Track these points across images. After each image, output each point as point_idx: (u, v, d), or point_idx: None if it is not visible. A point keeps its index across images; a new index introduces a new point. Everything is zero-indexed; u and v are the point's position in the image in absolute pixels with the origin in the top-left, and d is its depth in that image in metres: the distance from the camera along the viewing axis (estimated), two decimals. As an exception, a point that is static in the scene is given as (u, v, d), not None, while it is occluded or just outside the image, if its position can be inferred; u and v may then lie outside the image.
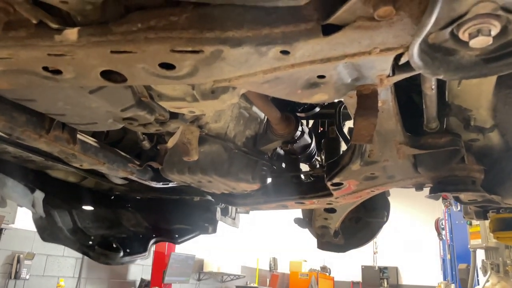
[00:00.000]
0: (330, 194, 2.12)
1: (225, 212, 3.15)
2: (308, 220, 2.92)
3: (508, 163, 1.95)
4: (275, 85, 1.07)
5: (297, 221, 2.97)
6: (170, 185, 2.48)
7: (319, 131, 2.80)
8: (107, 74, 1.01)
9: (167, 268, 9.40)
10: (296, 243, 15.80)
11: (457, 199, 2.26)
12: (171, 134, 1.86)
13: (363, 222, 2.90)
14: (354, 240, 2.95)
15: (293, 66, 0.97)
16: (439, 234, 12.70)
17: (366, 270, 16.96)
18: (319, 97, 1.21)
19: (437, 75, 0.91)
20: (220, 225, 3.30)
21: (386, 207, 2.79)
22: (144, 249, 2.85)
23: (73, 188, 2.58)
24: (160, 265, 9.53)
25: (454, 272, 11.23)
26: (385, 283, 16.39)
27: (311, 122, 2.84)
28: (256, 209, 2.50)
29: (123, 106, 1.36)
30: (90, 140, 1.98)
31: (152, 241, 2.94)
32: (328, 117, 2.60)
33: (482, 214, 2.74)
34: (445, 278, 12.24)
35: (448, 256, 11.45)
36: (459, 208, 10.99)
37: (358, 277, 16.93)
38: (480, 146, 1.92)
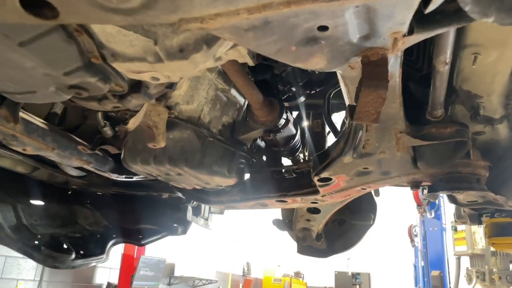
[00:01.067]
0: (316, 192, 1.87)
1: (197, 212, 2.86)
2: (288, 222, 2.67)
3: (513, 161, 1.75)
4: (264, 35, 0.81)
5: (276, 222, 2.71)
6: (135, 178, 2.18)
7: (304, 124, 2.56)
8: (32, 7, 0.73)
9: (136, 272, 8.98)
10: (270, 247, 15.57)
11: (453, 200, 2.05)
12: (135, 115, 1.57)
13: (348, 225, 2.67)
14: (338, 245, 2.71)
15: (289, 3, 0.72)
16: (412, 240, 12.72)
17: (339, 275, 16.87)
18: (316, 61, 0.96)
19: (486, 16, 0.67)
20: (192, 226, 3.01)
21: (373, 209, 2.57)
22: (101, 251, 2.52)
23: (21, 179, 2.24)
24: (128, 269, 9.09)
25: (426, 279, 11.23)
26: (357, 288, 16.33)
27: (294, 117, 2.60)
28: (232, 208, 2.23)
29: (66, 67, 1.07)
30: (37, 121, 1.67)
31: (112, 242, 2.62)
32: (314, 108, 2.36)
33: (477, 218, 2.56)
34: (416, 284, 12.25)
35: (422, 263, 11.44)
36: (433, 215, 11.04)
37: (331, 283, 16.82)
38: (484, 140, 1.72)
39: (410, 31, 0.91)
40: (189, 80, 1.58)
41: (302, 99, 2.19)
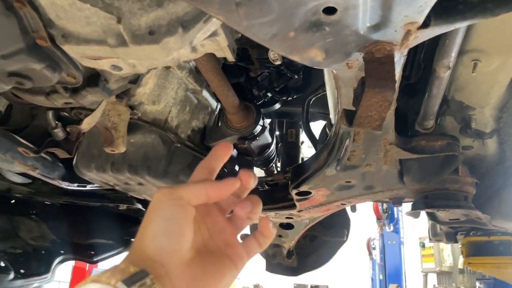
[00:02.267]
0: (293, 206, 1.71)
1: (157, 225, 2.62)
2: (257, 238, 2.49)
3: (498, 178, 1.67)
4: (259, 12, 0.64)
5: (244, 238, 2.53)
6: (89, 187, 1.94)
7: (276, 134, 2.41)
8: None
9: (87, 286, 8.45)
10: (230, 260, 15.27)
11: (432, 218, 1.96)
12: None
13: (320, 241, 2.53)
14: (309, 262, 2.56)
15: (297, -30, 0.56)
16: (370, 253, 12.88)
17: (298, 288, 16.82)
18: (314, 53, 0.80)
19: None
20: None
21: (346, 224, 2.45)
22: (46, 269, 2.23)
23: (-47, 186, 1.94)
24: (79, 282, 8.54)
25: (383, 292, 11.35)
26: (316, 301, 16.34)
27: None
28: (197, 222, 2.02)
29: (4, 49, 0.86)
30: (-29, 117, 1.42)
31: (59, 259, 2.33)
32: (288, 116, 2.22)
33: (453, 236, 2.48)
34: (373, 297, 12.36)
35: (380, 276, 11.58)
36: (392, 229, 11.23)
37: (290, 296, 16.73)
38: (471, 155, 1.63)
39: (425, 24, 0.78)
40: (156, 77, 1.39)
41: (278, 105, 2.04)
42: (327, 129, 1.75)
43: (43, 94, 1.15)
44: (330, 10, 0.68)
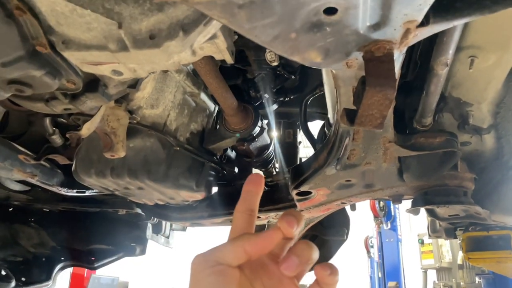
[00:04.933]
0: (293, 206, 1.72)
1: (157, 229, 2.62)
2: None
3: (496, 173, 1.69)
4: (261, 15, 0.65)
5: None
6: (88, 193, 1.93)
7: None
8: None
9: (86, 292, 8.41)
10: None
11: (432, 214, 1.97)
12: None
13: (320, 241, 2.53)
14: (310, 262, 2.56)
15: (299, -29, 0.56)
16: (368, 252, 12.91)
17: None
18: (315, 54, 0.81)
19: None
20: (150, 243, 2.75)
21: (346, 223, 2.45)
22: (47, 276, 2.22)
23: (-50, 195, 1.92)
24: (78, 289, 8.50)
25: (382, 290, 11.38)
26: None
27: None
28: (198, 225, 2.03)
29: (4, 57, 0.85)
30: (-31, 125, 1.41)
31: (59, 266, 2.32)
32: (286, 117, 2.22)
33: (452, 232, 2.50)
34: (372, 295, 12.37)
35: (379, 274, 11.61)
36: (389, 226, 11.28)
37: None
38: (469, 151, 1.64)
39: (424, 22, 0.79)
40: (154, 81, 1.39)
41: (275, 106, 2.04)
42: (325, 129, 1.76)
43: (42, 101, 1.14)
44: (331, 11, 0.69)
